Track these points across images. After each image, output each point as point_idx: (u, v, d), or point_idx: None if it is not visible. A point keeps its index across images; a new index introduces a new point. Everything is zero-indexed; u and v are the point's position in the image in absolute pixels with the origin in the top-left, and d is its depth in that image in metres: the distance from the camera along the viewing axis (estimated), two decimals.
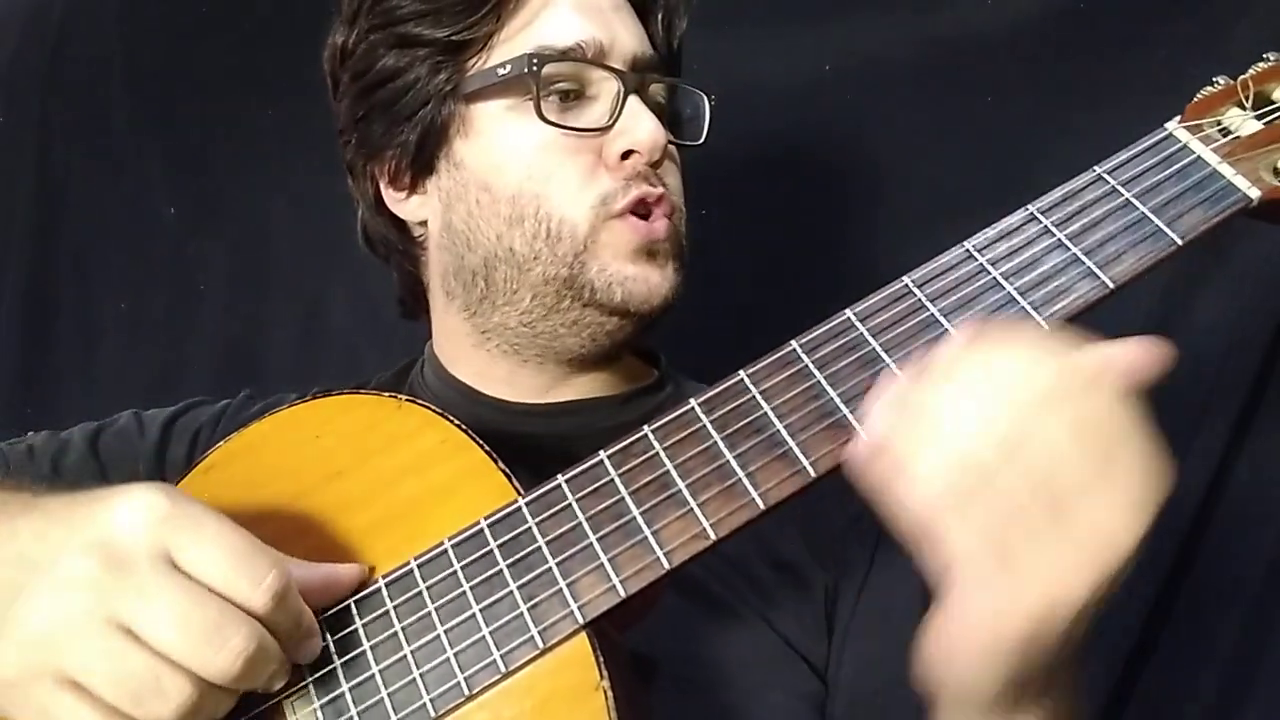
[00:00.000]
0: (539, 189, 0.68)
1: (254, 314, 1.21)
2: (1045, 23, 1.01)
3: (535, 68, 0.67)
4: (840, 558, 0.69)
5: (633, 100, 0.69)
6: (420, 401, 0.57)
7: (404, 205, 0.75)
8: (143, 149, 1.23)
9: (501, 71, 0.69)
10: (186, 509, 0.45)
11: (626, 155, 0.68)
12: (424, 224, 0.75)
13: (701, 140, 0.76)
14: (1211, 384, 0.92)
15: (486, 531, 0.51)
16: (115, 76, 1.24)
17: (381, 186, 0.75)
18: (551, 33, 0.69)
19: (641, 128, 0.68)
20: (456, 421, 0.55)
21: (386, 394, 0.58)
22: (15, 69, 1.25)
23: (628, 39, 0.71)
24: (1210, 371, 0.92)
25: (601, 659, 0.47)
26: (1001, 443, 0.42)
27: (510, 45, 0.70)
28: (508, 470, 0.53)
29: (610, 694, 0.46)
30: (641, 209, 0.68)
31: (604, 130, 0.69)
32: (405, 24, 0.71)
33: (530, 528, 0.50)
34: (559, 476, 0.51)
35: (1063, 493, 0.41)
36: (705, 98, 0.75)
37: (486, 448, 0.54)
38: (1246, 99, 0.52)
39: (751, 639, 0.64)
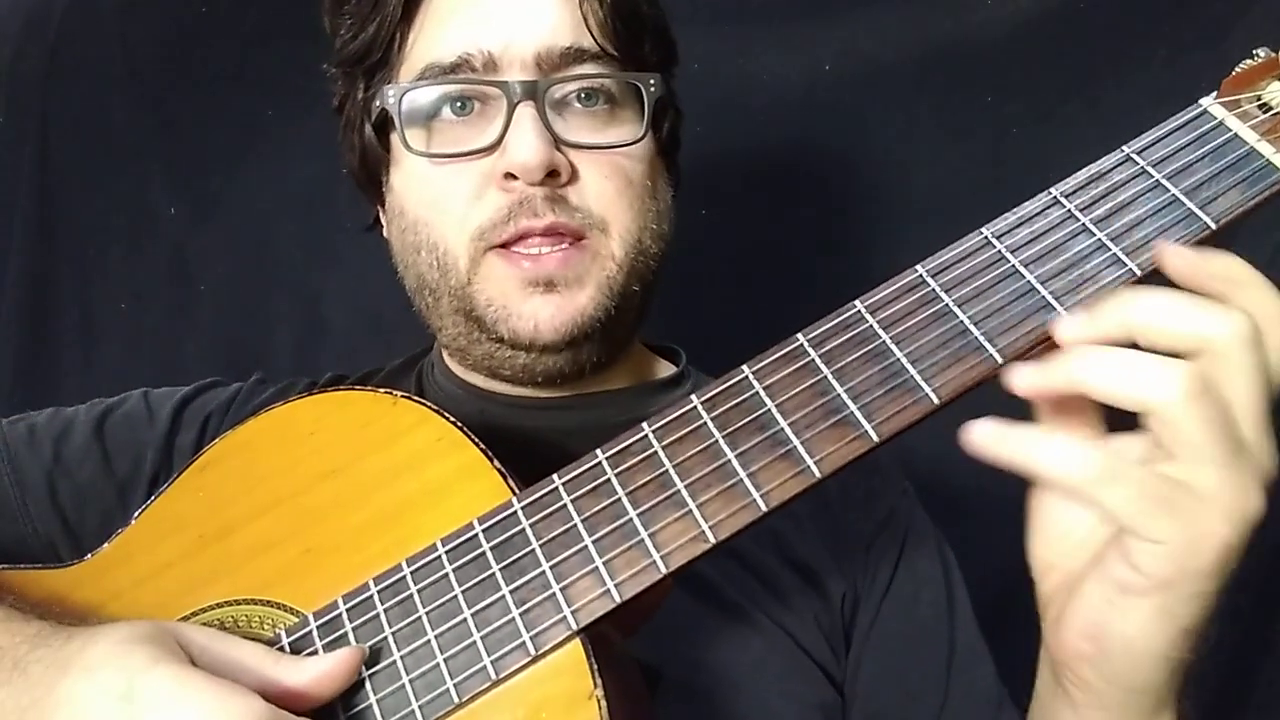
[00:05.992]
0: (429, 216, 0.66)
1: (254, 314, 1.20)
2: (1045, 23, 1.01)
3: (396, 102, 0.65)
4: (864, 565, 0.68)
5: (522, 113, 0.62)
6: (416, 398, 0.56)
7: (382, 219, 0.75)
8: (143, 149, 1.22)
9: (381, 103, 0.67)
10: (146, 682, 0.43)
11: (513, 175, 0.63)
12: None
13: (639, 138, 0.66)
14: None
15: (480, 533, 0.49)
16: (115, 76, 1.23)
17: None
18: (438, 48, 0.65)
19: (515, 150, 0.62)
20: (452, 418, 0.54)
21: (382, 390, 0.57)
22: (15, 69, 1.24)
23: (528, 38, 0.64)
24: None
25: (596, 667, 0.45)
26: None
27: (410, 63, 0.67)
28: (503, 469, 0.51)
29: (604, 703, 0.44)
30: (529, 237, 0.63)
31: (490, 149, 0.64)
32: (336, 38, 0.71)
33: (524, 529, 0.49)
34: (555, 477, 0.50)
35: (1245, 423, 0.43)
36: (644, 86, 0.66)
37: (482, 445, 0.53)
38: None
39: (764, 645, 0.63)
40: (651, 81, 0.67)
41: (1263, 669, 0.88)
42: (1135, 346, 0.43)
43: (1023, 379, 0.44)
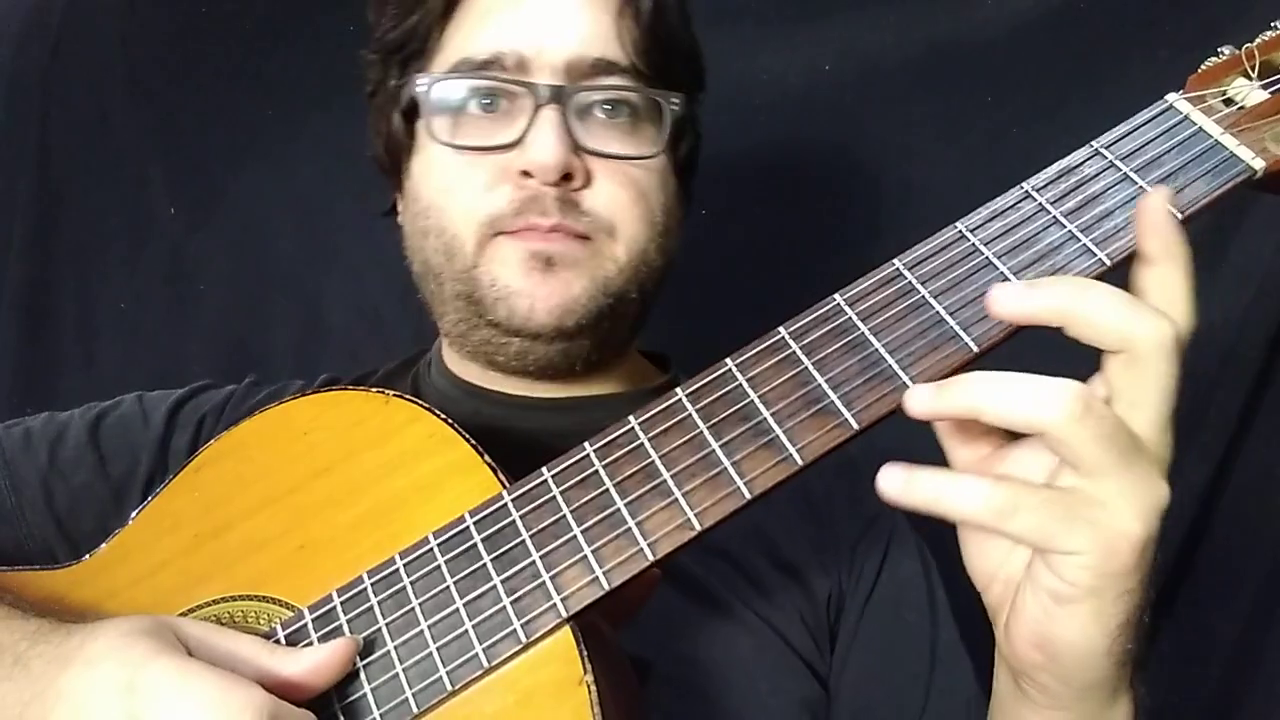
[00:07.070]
0: (442, 202, 0.68)
1: (254, 314, 1.20)
2: (1045, 22, 1.01)
3: (426, 90, 0.67)
4: (849, 565, 0.68)
5: (545, 115, 0.64)
6: (408, 396, 0.56)
7: (399, 206, 0.76)
8: (143, 149, 1.23)
9: (411, 91, 0.69)
10: (147, 674, 0.44)
11: (529, 174, 0.65)
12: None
13: (656, 152, 0.68)
14: (1211, 384, 0.90)
15: (471, 525, 0.50)
16: (115, 76, 1.24)
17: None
18: (472, 45, 0.67)
19: (535, 149, 0.64)
20: (443, 416, 0.55)
21: (375, 390, 0.58)
22: (15, 69, 1.25)
23: (561, 46, 0.65)
24: (1210, 371, 0.90)
25: (586, 653, 0.46)
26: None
27: (444, 55, 0.69)
28: (493, 464, 0.52)
29: (594, 689, 0.45)
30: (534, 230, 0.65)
31: (511, 146, 0.65)
32: (378, 27, 0.72)
33: (514, 521, 0.49)
34: (544, 469, 0.51)
35: (1141, 429, 0.44)
36: (665, 104, 0.68)
37: (473, 441, 0.53)
38: (1252, 68, 0.50)
39: (752, 641, 0.63)
40: (674, 100, 0.69)
41: (1263, 668, 0.87)
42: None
43: (919, 403, 0.44)
